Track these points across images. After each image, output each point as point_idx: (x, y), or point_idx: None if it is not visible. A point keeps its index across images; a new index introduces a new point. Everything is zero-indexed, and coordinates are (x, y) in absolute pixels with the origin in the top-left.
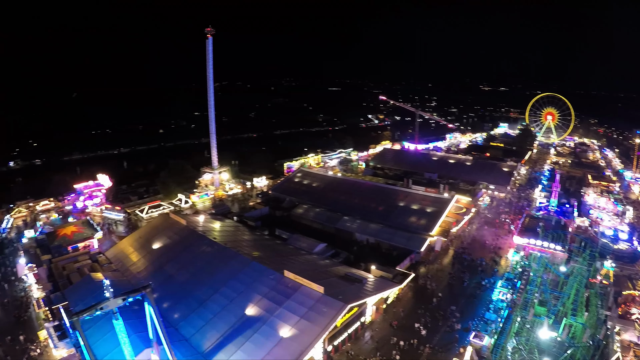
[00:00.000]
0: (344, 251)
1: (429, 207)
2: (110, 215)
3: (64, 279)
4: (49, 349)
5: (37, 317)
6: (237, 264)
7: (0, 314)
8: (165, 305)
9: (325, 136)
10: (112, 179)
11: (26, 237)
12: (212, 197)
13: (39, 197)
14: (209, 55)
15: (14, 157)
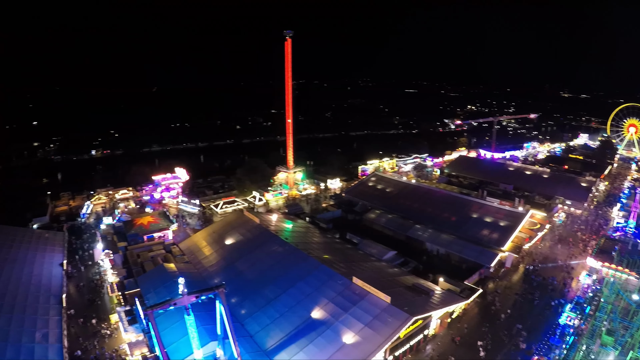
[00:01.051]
0: (414, 260)
1: (502, 220)
2: (185, 208)
3: (138, 267)
4: (119, 332)
5: (109, 300)
6: (307, 266)
7: (76, 296)
8: (233, 301)
9: (400, 140)
10: (189, 173)
11: (104, 223)
12: (286, 196)
13: (119, 186)
14: (287, 57)
15: (95, 146)
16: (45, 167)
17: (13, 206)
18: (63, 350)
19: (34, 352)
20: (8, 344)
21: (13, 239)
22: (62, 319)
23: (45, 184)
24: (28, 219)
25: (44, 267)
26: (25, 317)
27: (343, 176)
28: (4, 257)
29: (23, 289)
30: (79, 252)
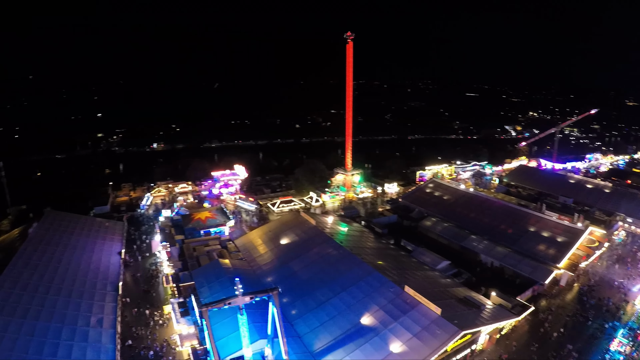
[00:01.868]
0: (467, 272)
1: (559, 236)
2: (243, 205)
3: (193, 260)
4: (171, 323)
5: (164, 291)
6: (360, 272)
7: (131, 285)
8: (284, 300)
9: (460, 145)
10: (247, 170)
11: (163, 216)
12: (342, 198)
13: (178, 180)
14: (349, 60)
15: (157, 139)
16: (108, 158)
17: (76, 194)
18: (116, 335)
19: (88, 336)
20: (64, 326)
21: (75, 226)
22: (117, 306)
23: (107, 175)
24: (89, 207)
25: (102, 254)
26: (82, 302)
27: (401, 180)
28: (66, 243)
29: (82, 274)
30: (137, 243)
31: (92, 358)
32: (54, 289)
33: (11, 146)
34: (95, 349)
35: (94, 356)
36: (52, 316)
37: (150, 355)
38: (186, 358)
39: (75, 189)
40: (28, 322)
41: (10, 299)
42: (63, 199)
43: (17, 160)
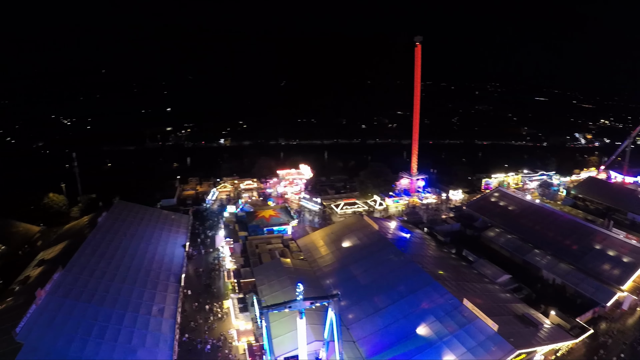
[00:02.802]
0: (527, 287)
1: (625, 256)
2: (307, 205)
3: (255, 257)
4: (229, 318)
5: (224, 286)
6: (419, 281)
7: (193, 278)
8: (342, 304)
9: (527, 153)
10: (313, 170)
11: (228, 211)
12: (406, 203)
13: (244, 176)
14: (417, 63)
15: (224, 135)
16: (176, 152)
17: (144, 186)
18: (175, 326)
19: (149, 324)
20: (127, 312)
21: (142, 217)
22: (178, 297)
23: (175, 168)
24: (157, 199)
25: (167, 246)
26: (146, 291)
27: (466, 187)
28: (133, 233)
29: (147, 264)
30: (201, 236)
31: (150, 346)
32: (119, 276)
33: (84, 136)
34: (155, 337)
35: (152, 344)
36: (115, 302)
37: (206, 349)
38: (241, 353)
39: (144, 180)
40: (93, 307)
41: (77, 283)
42: (131, 189)
43: (89, 151)
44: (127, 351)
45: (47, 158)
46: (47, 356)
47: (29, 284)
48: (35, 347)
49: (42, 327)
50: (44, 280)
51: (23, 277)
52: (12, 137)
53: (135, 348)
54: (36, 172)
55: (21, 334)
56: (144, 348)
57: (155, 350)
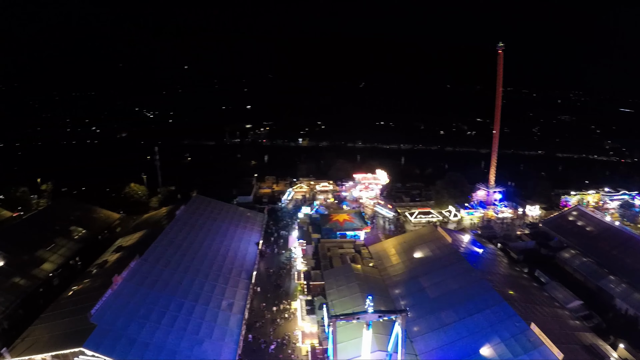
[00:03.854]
0: (598, 316)
1: None
2: (381, 211)
3: (326, 260)
4: (296, 319)
5: (294, 287)
6: (488, 299)
7: (264, 277)
8: (408, 315)
9: (610, 169)
10: (389, 176)
11: (302, 212)
12: (481, 216)
13: (320, 178)
14: (499, 70)
15: (302, 135)
16: (255, 149)
17: (222, 181)
18: (243, 321)
19: (217, 317)
20: (197, 305)
21: (218, 213)
22: (248, 294)
23: (253, 166)
24: (233, 195)
25: (241, 243)
26: (217, 285)
27: (543, 203)
28: (209, 227)
29: (220, 259)
30: (274, 236)
31: (217, 339)
32: (192, 269)
33: (166, 129)
34: (222, 331)
35: (219, 337)
36: (187, 294)
37: (270, 349)
38: (304, 354)
39: (222, 176)
40: (165, 296)
41: (152, 272)
42: (209, 184)
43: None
44: (194, 342)
45: (130, 149)
46: (117, 339)
47: (106, 269)
48: (107, 330)
49: (116, 311)
50: (121, 267)
51: (101, 261)
52: (98, 127)
53: (202, 339)
54: (119, 161)
55: (96, 315)
56: (210, 340)
57: (221, 344)
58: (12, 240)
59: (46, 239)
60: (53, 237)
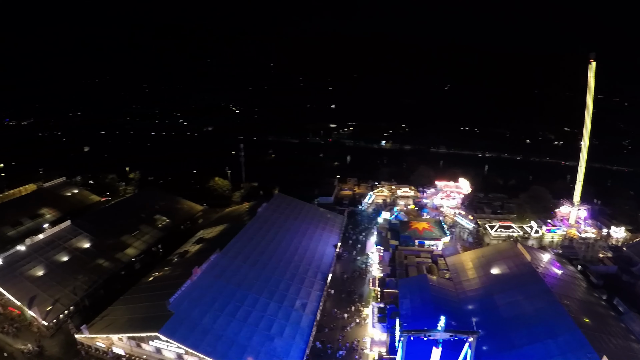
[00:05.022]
0: None
1: None
2: (461, 221)
3: (402, 268)
4: (366, 325)
5: (367, 292)
6: (562, 325)
7: (339, 280)
8: (480, 331)
9: None
10: (471, 185)
11: (382, 217)
12: (563, 234)
13: (402, 182)
14: (590, 82)
15: (386, 137)
16: (337, 150)
17: (303, 180)
18: (314, 322)
19: (290, 316)
20: (271, 302)
21: (299, 212)
22: (322, 296)
23: (335, 166)
24: (314, 195)
25: (319, 244)
26: (292, 284)
27: (630, 225)
28: (289, 226)
29: (297, 258)
30: (352, 239)
31: (288, 337)
32: (270, 266)
33: (250, 125)
34: (293, 329)
35: (290, 335)
36: (262, 290)
37: (339, 354)
38: None
39: (304, 175)
40: (241, 291)
41: (230, 267)
42: (291, 182)
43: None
44: (265, 338)
45: (215, 143)
46: (192, 328)
47: (187, 259)
48: (183, 318)
49: (193, 302)
50: (201, 259)
51: (182, 250)
52: (185, 120)
53: (273, 336)
54: (204, 155)
55: (173, 304)
56: (281, 338)
57: (291, 343)
58: (99, 224)
59: (131, 225)
60: (138, 224)
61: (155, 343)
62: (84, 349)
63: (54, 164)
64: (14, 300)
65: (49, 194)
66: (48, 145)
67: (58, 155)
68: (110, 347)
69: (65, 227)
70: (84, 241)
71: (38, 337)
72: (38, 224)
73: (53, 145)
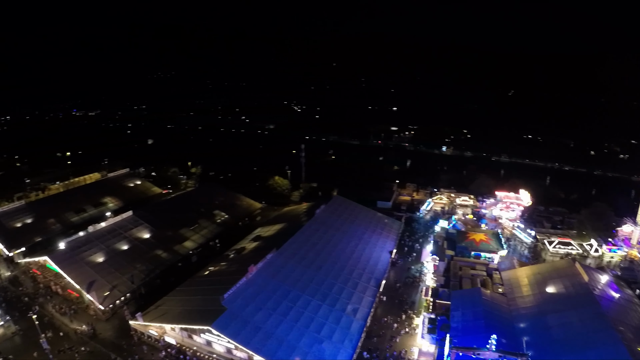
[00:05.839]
0: None
1: None
2: (519, 234)
3: (456, 280)
4: (416, 335)
5: (419, 302)
6: (613, 352)
7: (392, 287)
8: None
9: None
10: (532, 197)
11: (439, 225)
12: (624, 255)
13: (461, 191)
14: None
15: (447, 143)
16: (397, 153)
17: (362, 183)
18: (364, 329)
19: (340, 320)
20: (323, 305)
21: (356, 216)
22: (374, 302)
23: (394, 171)
24: (373, 199)
25: (375, 249)
26: (346, 288)
27: None
28: (345, 229)
29: (352, 263)
30: (408, 246)
31: (337, 340)
32: (324, 269)
33: (312, 125)
34: (343, 334)
35: (339, 339)
36: (315, 292)
37: None
38: None
39: (363, 178)
40: (294, 291)
41: (285, 267)
42: (350, 185)
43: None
44: (314, 340)
45: (276, 141)
46: (243, 325)
47: (243, 255)
48: (235, 315)
49: (247, 299)
50: (257, 257)
51: (239, 247)
52: (247, 117)
53: (322, 339)
54: (265, 153)
55: (227, 299)
56: (330, 341)
57: (339, 347)
58: (160, 216)
59: (191, 219)
60: (197, 218)
61: (206, 336)
62: (137, 335)
63: (119, 154)
64: (73, 284)
65: (113, 183)
66: (113, 137)
67: (122, 147)
68: (163, 335)
69: (127, 217)
70: (144, 231)
71: (94, 320)
72: (101, 212)
73: (118, 136)
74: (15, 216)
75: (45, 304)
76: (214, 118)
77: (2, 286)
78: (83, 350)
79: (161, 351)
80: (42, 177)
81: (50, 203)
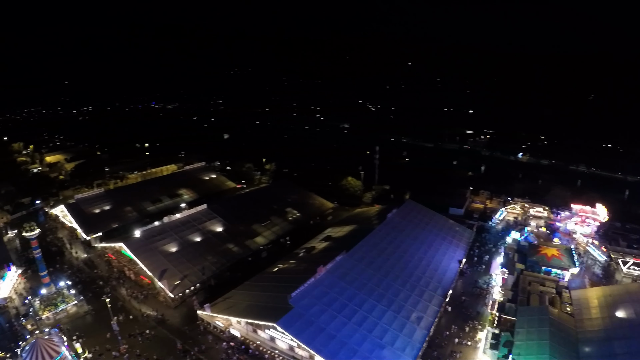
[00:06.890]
0: None
1: None
2: (593, 252)
3: (524, 295)
4: (477, 350)
5: (484, 315)
6: None
7: (458, 297)
8: None
9: None
10: (609, 212)
11: (511, 237)
12: None
13: (535, 201)
14: None
15: (523, 149)
16: (472, 158)
17: (435, 188)
18: (426, 338)
19: (404, 327)
20: (388, 310)
21: (428, 222)
22: (438, 311)
23: (468, 176)
24: (445, 205)
25: (444, 257)
26: (412, 295)
27: None
28: (416, 235)
29: (420, 270)
30: (477, 255)
31: (398, 348)
32: (392, 274)
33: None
34: (404, 341)
35: (400, 347)
36: (382, 298)
37: None
38: None
39: (436, 182)
40: (361, 295)
41: (354, 270)
42: (422, 189)
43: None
44: (376, 345)
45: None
46: (308, 325)
47: (313, 255)
48: (301, 314)
49: (313, 299)
50: (326, 258)
51: (309, 246)
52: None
53: (384, 345)
54: (338, 152)
55: (294, 298)
56: (391, 347)
57: (401, 354)
58: (233, 211)
59: (263, 215)
60: (269, 214)
61: (271, 332)
62: (203, 325)
63: (195, 148)
64: (146, 271)
65: (189, 175)
66: (190, 130)
67: (199, 140)
68: (228, 327)
69: (202, 209)
70: (217, 225)
71: (163, 307)
72: (176, 203)
73: (195, 130)
74: (95, 202)
75: (118, 287)
76: (289, 115)
77: (78, 267)
78: (148, 333)
79: (225, 342)
80: (121, 166)
81: (128, 192)
